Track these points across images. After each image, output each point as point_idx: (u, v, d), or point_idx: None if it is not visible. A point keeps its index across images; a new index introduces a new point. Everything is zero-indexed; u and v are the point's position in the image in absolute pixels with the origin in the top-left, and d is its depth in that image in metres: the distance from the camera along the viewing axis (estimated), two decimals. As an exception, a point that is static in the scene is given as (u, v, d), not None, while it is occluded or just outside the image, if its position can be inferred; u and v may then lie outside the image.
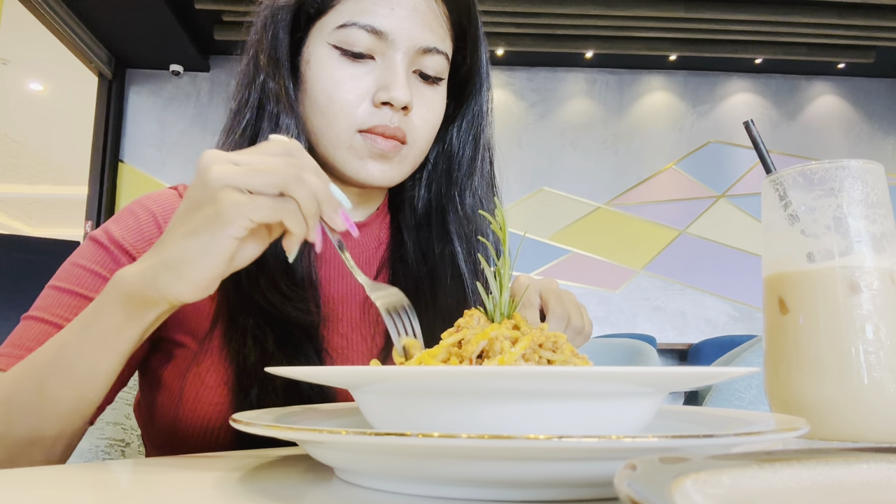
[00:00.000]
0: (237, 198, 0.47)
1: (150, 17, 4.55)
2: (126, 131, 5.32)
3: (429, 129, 0.74)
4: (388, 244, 0.83)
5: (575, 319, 0.66)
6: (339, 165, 0.72)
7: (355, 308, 0.76)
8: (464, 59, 0.79)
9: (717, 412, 0.48)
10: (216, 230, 0.48)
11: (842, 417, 0.48)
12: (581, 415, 0.37)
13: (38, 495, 0.35)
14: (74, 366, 0.53)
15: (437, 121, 0.76)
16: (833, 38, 4.96)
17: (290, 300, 0.68)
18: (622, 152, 5.52)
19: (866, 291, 0.48)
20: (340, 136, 0.70)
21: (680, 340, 5.18)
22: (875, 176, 0.51)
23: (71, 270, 0.66)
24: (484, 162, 0.84)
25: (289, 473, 0.41)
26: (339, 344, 0.73)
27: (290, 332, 0.68)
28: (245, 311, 0.67)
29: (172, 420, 0.66)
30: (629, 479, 0.19)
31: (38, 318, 0.64)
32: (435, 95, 0.75)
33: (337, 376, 0.40)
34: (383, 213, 0.84)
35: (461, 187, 0.82)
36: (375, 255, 0.82)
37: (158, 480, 0.40)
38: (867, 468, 0.24)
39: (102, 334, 0.53)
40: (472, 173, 0.83)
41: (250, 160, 0.49)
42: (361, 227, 0.81)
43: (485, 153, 0.84)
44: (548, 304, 0.65)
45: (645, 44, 5.14)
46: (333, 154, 0.72)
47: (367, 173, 0.72)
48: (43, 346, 0.56)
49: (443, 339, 0.45)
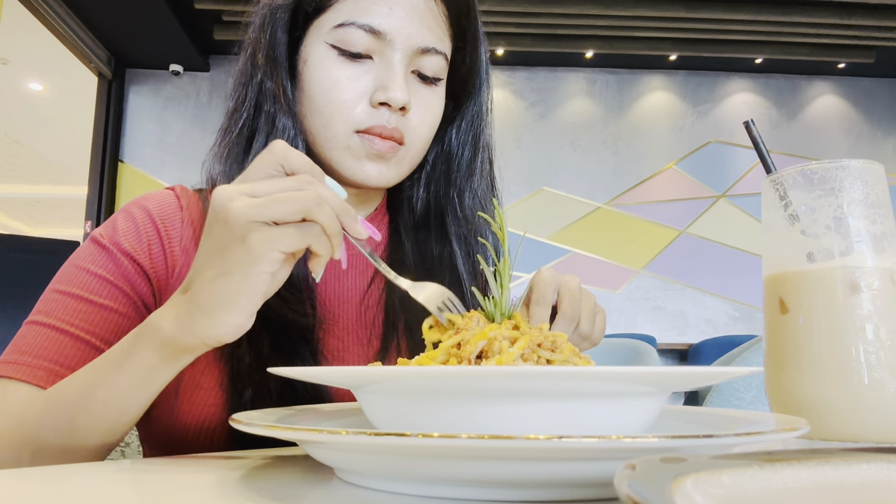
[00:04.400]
0: (265, 233, 0.46)
1: (150, 17, 4.55)
2: (126, 131, 5.31)
3: (427, 129, 0.74)
4: (387, 245, 0.83)
5: (584, 325, 0.64)
6: (336, 166, 0.72)
7: (351, 310, 0.76)
8: (463, 59, 0.79)
9: (718, 412, 0.48)
10: (249, 269, 0.47)
11: (842, 417, 0.48)
12: (581, 415, 0.37)
13: (38, 495, 0.35)
14: (106, 404, 0.54)
15: (436, 122, 0.75)
16: (833, 38, 4.96)
17: (286, 302, 0.67)
18: (622, 152, 5.52)
19: (866, 291, 0.48)
20: (338, 137, 0.70)
21: (680, 340, 5.18)
22: (875, 176, 0.51)
23: (75, 274, 0.66)
24: (483, 163, 0.84)
25: (289, 473, 0.41)
26: (335, 346, 0.73)
27: (286, 334, 0.67)
28: None
29: (168, 420, 0.66)
30: (629, 480, 0.19)
31: (44, 323, 0.63)
32: (433, 96, 0.74)
33: (338, 376, 0.40)
34: (381, 214, 0.84)
35: (460, 188, 0.81)
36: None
37: (158, 480, 0.40)
38: (867, 468, 0.24)
39: (136, 376, 0.53)
40: (472, 174, 0.82)
41: (266, 189, 0.48)
42: None
43: (484, 154, 0.84)
44: (561, 303, 0.63)
45: (645, 44, 5.14)
46: (330, 154, 0.71)
47: (364, 174, 0.71)
48: (70, 380, 0.56)
49: (442, 341, 0.45)
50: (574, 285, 0.65)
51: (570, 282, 0.65)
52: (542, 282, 0.63)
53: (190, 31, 4.86)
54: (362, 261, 0.80)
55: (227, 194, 0.48)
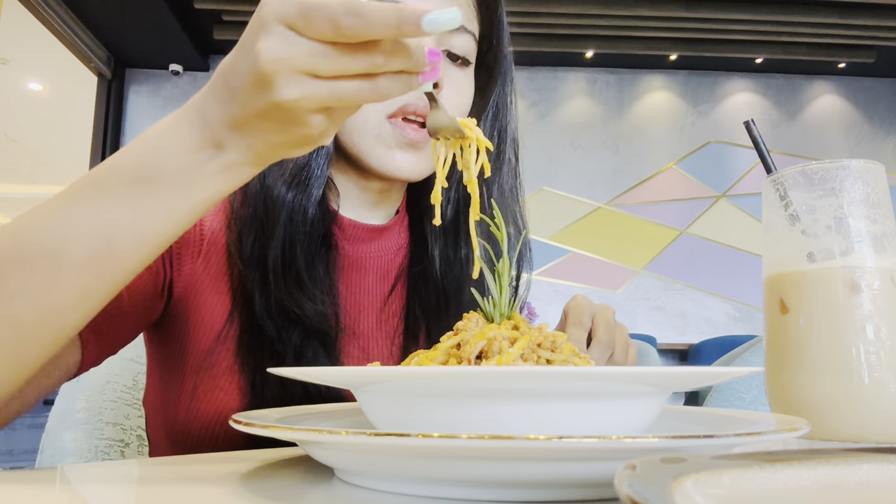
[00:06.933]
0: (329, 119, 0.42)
1: (150, 17, 4.55)
2: (125, 131, 5.31)
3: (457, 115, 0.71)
4: (407, 249, 0.81)
5: (618, 353, 0.65)
6: (365, 155, 0.70)
7: (372, 318, 0.75)
8: (489, 45, 0.77)
9: (718, 412, 0.48)
10: (311, 146, 0.44)
11: (842, 417, 0.48)
12: (581, 415, 0.37)
13: (38, 495, 0.35)
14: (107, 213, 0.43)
15: (465, 108, 0.74)
16: (834, 37, 4.95)
17: (311, 299, 0.67)
18: (622, 152, 5.52)
19: (867, 291, 0.48)
20: (368, 123, 0.68)
21: (680, 340, 5.17)
22: (876, 176, 0.51)
23: None
24: (510, 156, 0.81)
25: (289, 473, 0.41)
26: (356, 355, 0.73)
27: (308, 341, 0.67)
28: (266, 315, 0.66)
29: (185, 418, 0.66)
30: (629, 480, 0.19)
31: None
32: (464, 78, 0.73)
33: (338, 376, 0.40)
34: (402, 215, 0.82)
35: (487, 181, 0.79)
36: (393, 262, 0.79)
37: (158, 481, 0.40)
38: (867, 468, 0.24)
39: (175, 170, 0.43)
40: (499, 168, 0.80)
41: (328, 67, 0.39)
42: (382, 232, 0.78)
43: (511, 147, 0.82)
44: (597, 329, 0.64)
45: (645, 43, 5.14)
46: (359, 143, 0.69)
47: (395, 164, 0.69)
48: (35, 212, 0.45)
49: (441, 342, 0.45)
50: (609, 314, 0.66)
51: (605, 310, 0.66)
52: (578, 307, 0.65)
53: (190, 31, 4.85)
54: (383, 266, 0.78)
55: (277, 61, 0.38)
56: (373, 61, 0.39)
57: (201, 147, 0.43)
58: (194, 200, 0.44)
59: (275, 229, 0.67)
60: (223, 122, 0.42)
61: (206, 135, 0.43)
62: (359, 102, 0.41)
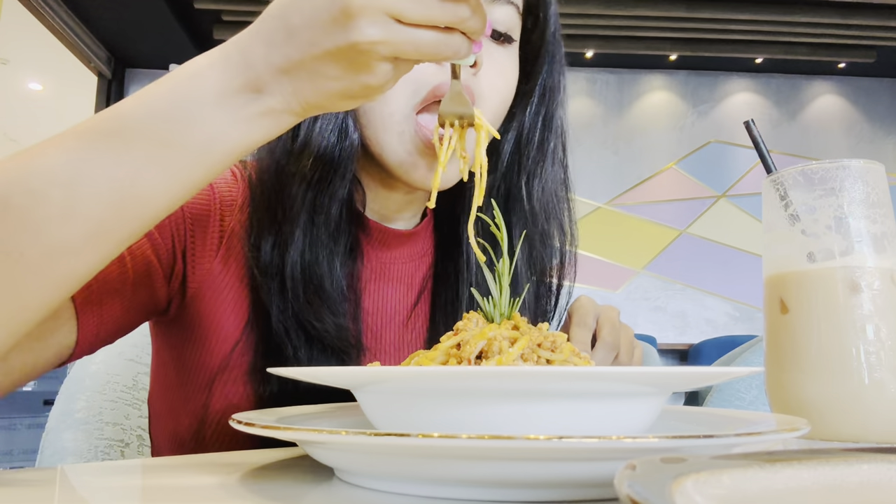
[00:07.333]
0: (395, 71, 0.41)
1: (150, 17, 4.55)
2: (126, 131, 5.32)
3: (498, 99, 0.65)
4: (433, 253, 0.75)
5: (623, 355, 0.62)
6: (387, 155, 0.62)
7: (395, 331, 0.71)
8: (535, 20, 0.69)
9: (718, 412, 0.48)
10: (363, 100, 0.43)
11: (842, 417, 0.48)
12: (581, 415, 0.37)
13: (38, 495, 0.35)
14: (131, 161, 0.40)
15: (508, 92, 0.66)
16: (834, 37, 4.95)
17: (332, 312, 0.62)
18: (622, 152, 5.52)
19: (867, 291, 0.48)
20: (394, 117, 0.61)
21: (680, 341, 5.18)
22: (876, 176, 0.51)
23: None
24: (557, 148, 0.74)
25: (289, 473, 0.41)
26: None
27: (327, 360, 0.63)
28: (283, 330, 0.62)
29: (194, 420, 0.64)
30: (629, 480, 0.19)
31: None
32: (506, 58, 0.65)
33: (338, 377, 0.40)
34: (430, 219, 0.76)
35: (529, 175, 0.71)
36: (419, 269, 0.74)
37: (158, 480, 0.40)
38: (867, 468, 0.24)
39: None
40: (543, 158, 0.72)
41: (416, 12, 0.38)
42: (410, 238, 0.73)
43: (558, 138, 0.74)
44: (601, 330, 0.61)
45: (645, 43, 5.14)
46: (383, 139, 0.62)
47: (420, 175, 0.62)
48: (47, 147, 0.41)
49: (441, 342, 0.45)
50: (614, 315, 0.63)
51: (609, 311, 0.63)
52: (583, 308, 0.62)
53: (190, 31, 4.85)
54: (408, 273, 0.73)
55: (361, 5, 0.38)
56: (458, 13, 0.38)
57: (239, 90, 0.41)
58: (225, 148, 0.42)
59: (294, 231, 0.62)
60: (272, 64, 0.40)
61: (248, 76, 0.41)
62: (432, 57, 0.40)
